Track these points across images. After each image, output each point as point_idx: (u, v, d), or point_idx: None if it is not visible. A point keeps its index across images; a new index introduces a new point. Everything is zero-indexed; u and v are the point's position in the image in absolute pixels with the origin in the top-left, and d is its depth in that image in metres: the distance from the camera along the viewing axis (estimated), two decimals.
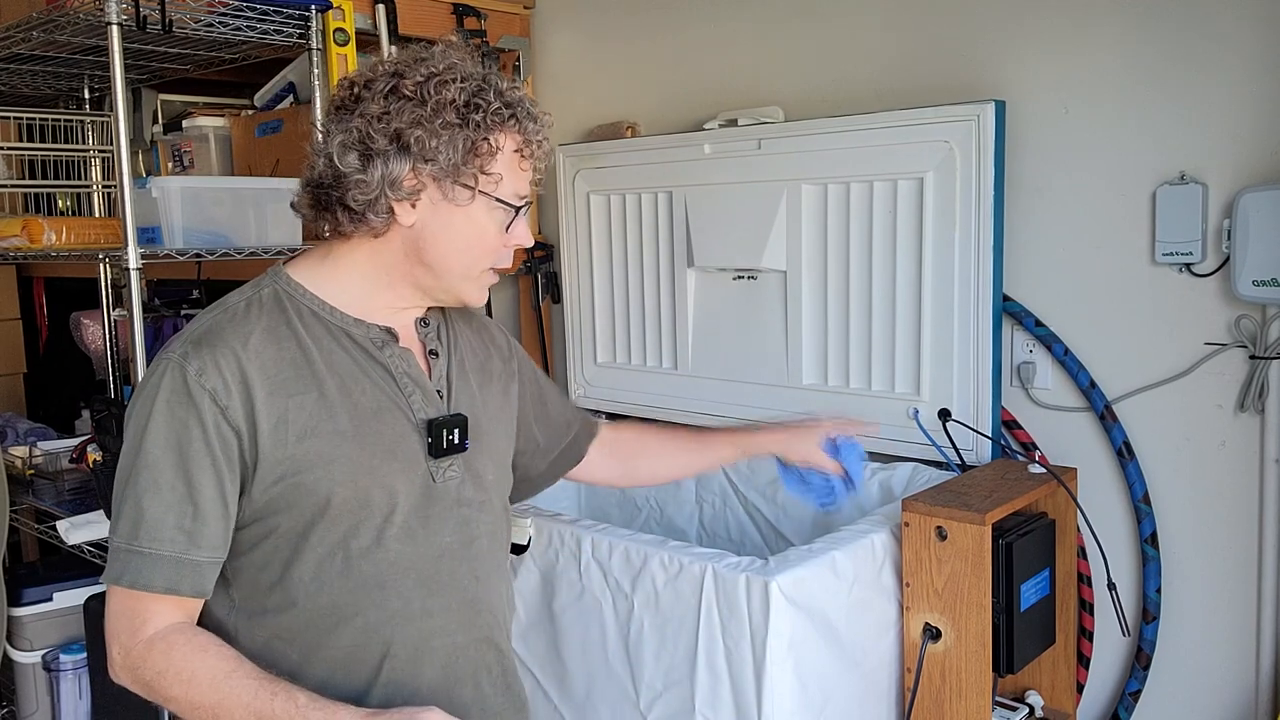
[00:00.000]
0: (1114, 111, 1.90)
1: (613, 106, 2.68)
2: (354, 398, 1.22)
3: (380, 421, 1.23)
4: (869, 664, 1.67)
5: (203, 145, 2.71)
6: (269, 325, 1.21)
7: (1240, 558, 1.84)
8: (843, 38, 2.25)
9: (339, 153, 1.19)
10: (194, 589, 1.16)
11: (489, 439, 1.35)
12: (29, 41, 2.31)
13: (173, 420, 1.15)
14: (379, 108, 1.17)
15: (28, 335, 3.90)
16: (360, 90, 1.20)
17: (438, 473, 1.26)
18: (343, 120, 1.20)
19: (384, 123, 1.17)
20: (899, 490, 2.00)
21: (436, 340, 1.33)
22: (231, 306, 1.23)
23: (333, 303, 1.25)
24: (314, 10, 2.22)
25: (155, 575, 1.14)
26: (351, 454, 1.20)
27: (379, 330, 1.26)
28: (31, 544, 3.08)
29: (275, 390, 1.18)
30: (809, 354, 2.23)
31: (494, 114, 1.19)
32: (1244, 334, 1.79)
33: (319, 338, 1.23)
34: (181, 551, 1.15)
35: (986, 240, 1.95)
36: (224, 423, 1.15)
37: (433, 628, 1.25)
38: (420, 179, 1.19)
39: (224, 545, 1.19)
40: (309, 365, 1.21)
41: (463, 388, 1.33)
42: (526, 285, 2.86)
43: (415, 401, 1.26)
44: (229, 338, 1.18)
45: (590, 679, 1.75)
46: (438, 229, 1.22)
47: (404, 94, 1.18)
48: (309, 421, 1.18)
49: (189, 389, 1.15)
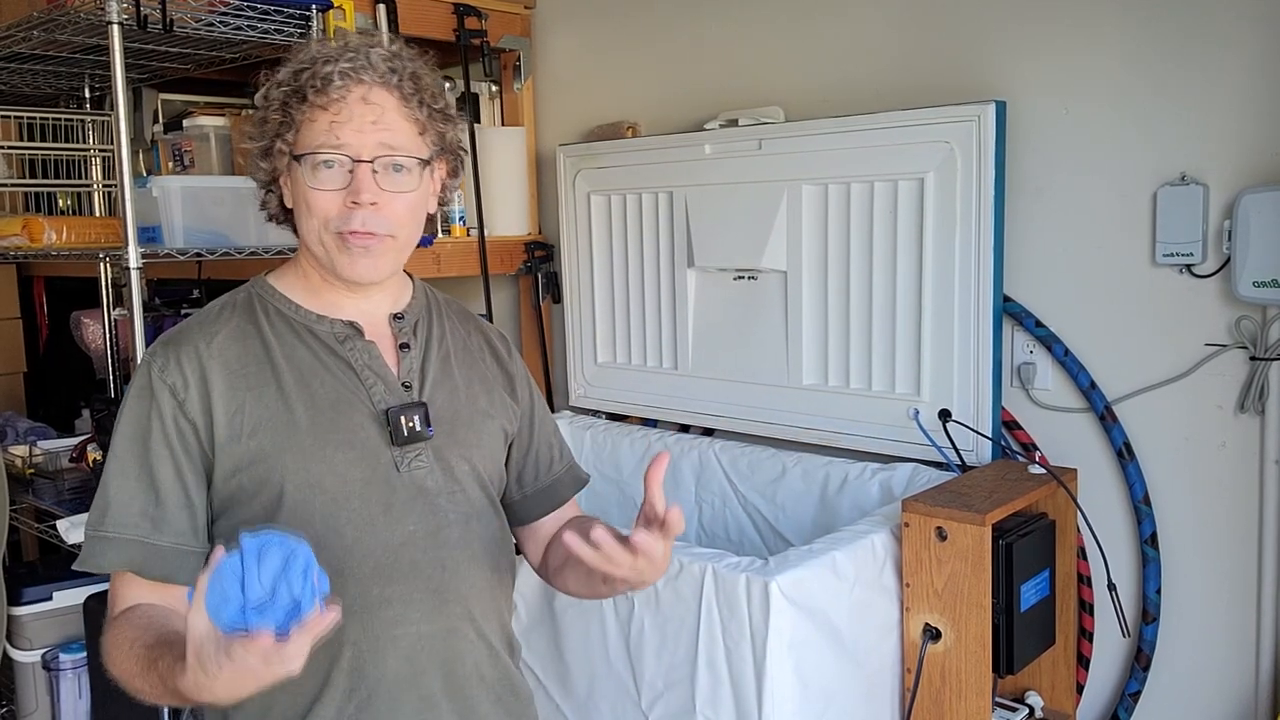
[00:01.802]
0: (1115, 112, 1.90)
1: (613, 106, 2.68)
2: (311, 389, 1.25)
3: (337, 412, 1.25)
4: (869, 664, 1.67)
5: (203, 145, 2.71)
6: (237, 325, 1.28)
7: (1240, 558, 1.84)
8: (843, 38, 2.25)
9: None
10: (159, 572, 1.20)
11: (467, 431, 1.34)
12: (30, 40, 2.31)
13: (138, 414, 1.22)
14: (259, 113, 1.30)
15: (28, 334, 3.89)
16: None
17: (403, 462, 1.27)
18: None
19: (250, 122, 1.33)
20: (899, 491, 2.00)
21: (411, 335, 1.34)
22: (208, 310, 1.31)
23: (300, 302, 1.31)
24: (315, 10, 2.22)
25: (117, 556, 1.19)
26: (305, 444, 1.23)
27: (342, 325, 1.30)
28: (31, 543, 3.08)
29: (234, 385, 1.23)
30: (809, 354, 2.23)
31: (300, 77, 1.24)
32: (1244, 335, 1.79)
33: (282, 334, 1.28)
34: (144, 536, 1.20)
35: (987, 241, 1.95)
36: (181, 416, 1.21)
37: (392, 616, 1.25)
38: (273, 162, 1.28)
39: (192, 534, 1.22)
40: (269, 361, 1.26)
41: (440, 380, 1.33)
42: (527, 285, 2.86)
43: (376, 393, 1.28)
44: (195, 336, 1.26)
45: (592, 678, 1.75)
46: (292, 203, 1.29)
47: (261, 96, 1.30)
48: (264, 414, 1.23)
49: (152, 384, 1.22)
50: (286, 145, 1.25)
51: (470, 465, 1.33)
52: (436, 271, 2.55)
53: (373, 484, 1.25)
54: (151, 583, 1.20)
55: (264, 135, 1.27)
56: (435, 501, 1.28)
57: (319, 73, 1.22)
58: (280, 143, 1.25)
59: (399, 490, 1.26)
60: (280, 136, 1.25)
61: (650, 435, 2.47)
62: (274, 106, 1.26)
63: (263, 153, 1.28)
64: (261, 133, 1.28)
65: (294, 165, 1.25)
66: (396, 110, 1.25)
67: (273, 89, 1.26)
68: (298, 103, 1.24)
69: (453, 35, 2.61)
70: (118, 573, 1.21)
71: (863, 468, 2.09)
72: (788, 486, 2.18)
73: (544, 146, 2.85)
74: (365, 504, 1.24)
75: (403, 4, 2.46)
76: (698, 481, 2.37)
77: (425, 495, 1.28)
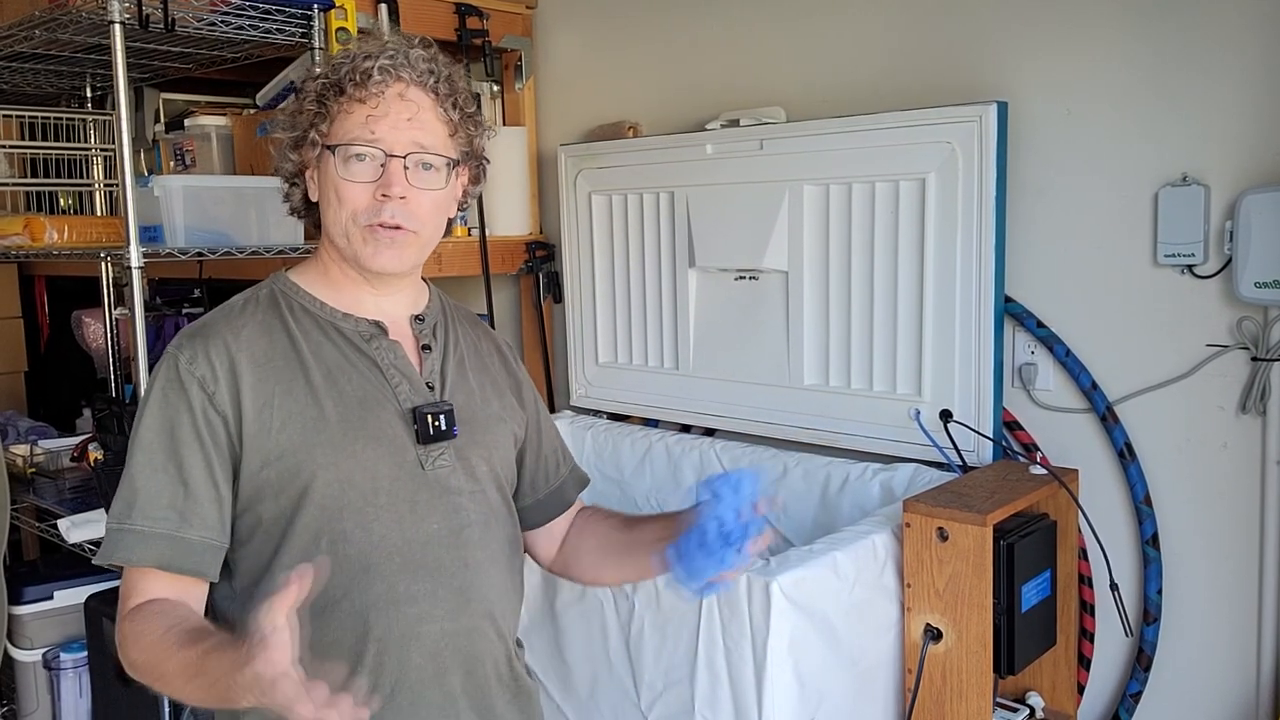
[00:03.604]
0: (1116, 113, 1.90)
1: (614, 106, 2.68)
2: (340, 386, 1.26)
3: (365, 409, 1.26)
4: (869, 665, 1.67)
5: (205, 144, 2.71)
6: (263, 319, 1.28)
7: (1241, 559, 1.84)
8: (845, 38, 2.25)
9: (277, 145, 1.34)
10: (188, 566, 1.20)
11: (484, 434, 1.36)
12: (31, 40, 2.31)
13: (165, 406, 1.22)
14: (293, 105, 1.31)
15: (29, 333, 3.90)
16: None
17: (427, 460, 1.28)
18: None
19: (283, 113, 1.33)
20: (900, 491, 2.00)
21: (431, 337, 1.36)
22: (230, 304, 1.31)
23: (323, 299, 1.32)
24: (316, 9, 2.22)
25: (147, 551, 1.19)
26: (334, 439, 1.23)
27: (367, 324, 1.31)
28: (32, 542, 3.08)
29: (263, 378, 1.23)
30: (810, 354, 2.23)
31: (338, 71, 1.26)
32: (1246, 335, 1.79)
33: (308, 331, 1.29)
34: (174, 529, 1.19)
35: (988, 241, 1.95)
36: (210, 408, 1.21)
37: (418, 613, 1.26)
38: (302, 155, 1.29)
39: (219, 528, 1.22)
40: (297, 356, 1.26)
41: (459, 382, 1.36)
42: (528, 285, 2.86)
43: (402, 391, 1.29)
44: (222, 329, 1.26)
45: (593, 678, 1.75)
46: (319, 195, 1.30)
47: (297, 89, 1.32)
48: (294, 408, 1.23)
49: (180, 377, 1.22)
50: (320, 136, 1.26)
51: (489, 466, 1.36)
52: (438, 271, 2.55)
53: (400, 481, 1.26)
54: (172, 576, 1.20)
55: (297, 126, 1.29)
56: (458, 501, 1.30)
57: (359, 67, 1.24)
58: (314, 133, 1.27)
59: (424, 488, 1.28)
60: (314, 127, 1.27)
61: (651, 435, 2.46)
62: (309, 98, 1.27)
63: (295, 143, 1.30)
64: (294, 123, 1.29)
65: (326, 156, 1.26)
66: (431, 110, 1.28)
67: (309, 82, 1.28)
68: (335, 95, 1.25)
69: (454, 35, 2.61)
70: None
71: (864, 468, 2.08)
72: (789, 487, 2.18)
73: (545, 146, 2.85)
74: (393, 500, 1.25)
75: (404, 4, 2.46)
76: (697, 481, 2.36)
77: (449, 494, 1.29)
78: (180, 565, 1.20)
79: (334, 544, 1.23)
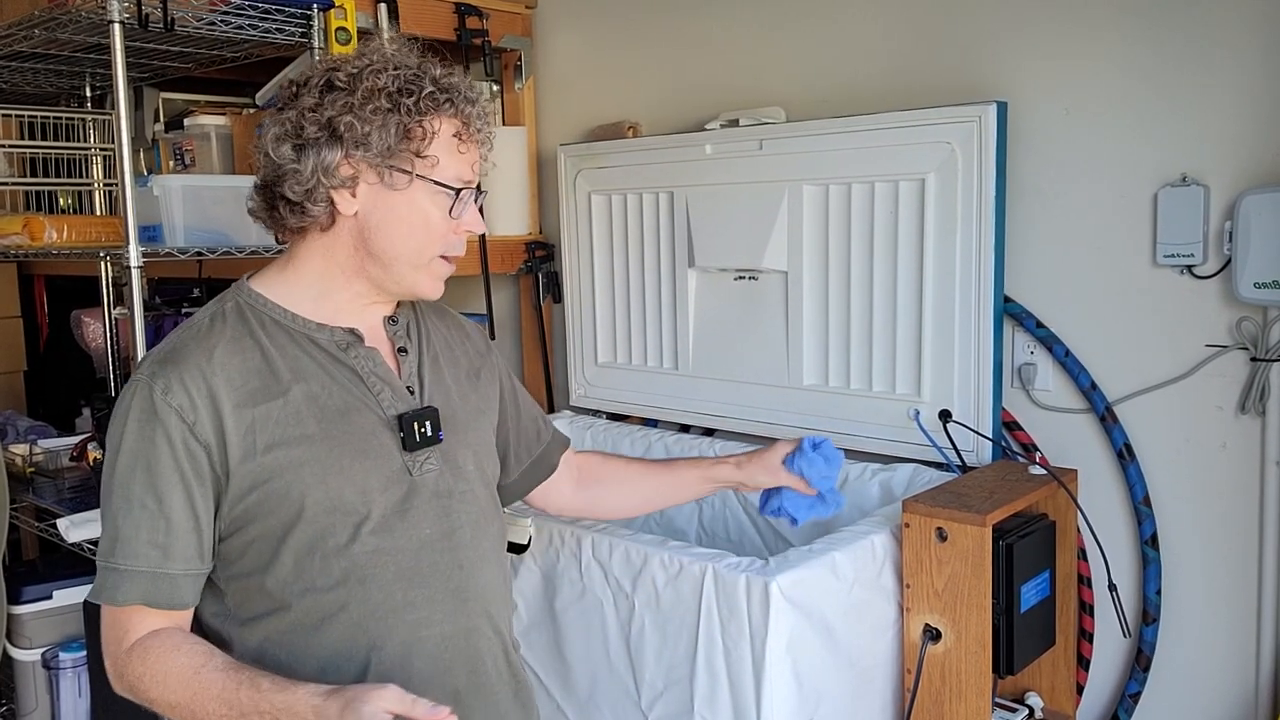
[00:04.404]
0: (1116, 113, 1.90)
1: (614, 106, 2.68)
2: (320, 401, 1.24)
3: (349, 421, 1.25)
4: (868, 665, 1.67)
5: (204, 144, 2.71)
6: (233, 337, 1.24)
7: (1241, 560, 1.84)
8: (845, 38, 2.25)
9: (273, 146, 1.22)
10: (170, 601, 1.19)
11: (467, 430, 1.36)
12: (31, 39, 2.31)
13: (141, 439, 1.18)
14: (313, 100, 1.21)
15: (28, 333, 3.90)
16: (298, 88, 1.24)
17: (414, 466, 1.27)
18: (279, 116, 1.24)
19: (316, 113, 1.20)
20: (899, 491, 2.00)
21: (406, 338, 1.35)
22: (196, 323, 1.26)
23: (294, 309, 1.27)
24: (316, 9, 2.22)
25: (131, 590, 1.18)
26: (321, 456, 1.22)
27: (343, 332, 1.28)
28: (31, 542, 3.08)
29: (242, 402, 1.20)
30: (810, 355, 2.23)
31: (427, 98, 1.21)
32: (1245, 336, 1.79)
33: (282, 345, 1.25)
34: (155, 566, 1.18)
35: (988, 241, 1.95)
36: (192, 439, 1.18)
37: (418, 619, 1.26)
38: (355, 166, 1.21)
39: (200, 557, 1.21)
40: (273, 373, 1.23)
41: (436, 382, 1.35)
42: (527, 285, 2.86)
43: (384, 399, 1.28)
44: (194, 354, 1.21)
45: (593, 678, 1.75)
46: (381, 216, 1.24)
47: (336, 85, 1.21)
48: (276, 429, 1.20)
49: (155, 408, 1.18)
50: (411, 162, 1.21)
51: (476, 464, 1.36)
52: None
53: (390, 490, 1.25)
54: (161, 610, 1.19)
55: (383, 140, 1.20)
56: (447, 504, 1.30)
57: (451, 91, 1.23)
58: (403, 155, 1.21)
59: (413, 495, 1.27)
60: (397, 150, 1.20)
61: (651, 435, 2.46)
62: (385, 109, 1.19)
63: (385, 152, 1.20)
64: (381, 136, 1.19)
65: (418, 184, 1.23)
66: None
67: (377, 92, 1.19)
68: (430, 109, 1.21)
69: (454, 35, 2.61)
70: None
71: (863, 468, 2.09)
72: None
73: (545, 146, 2.85)
74: (384, 510, 1.25)
75: (404, 3, 2.46)
76: None
77: (439, 498, 1.29)
78: (167, 601, 1.19)
79: (327, 559, 1.22)
